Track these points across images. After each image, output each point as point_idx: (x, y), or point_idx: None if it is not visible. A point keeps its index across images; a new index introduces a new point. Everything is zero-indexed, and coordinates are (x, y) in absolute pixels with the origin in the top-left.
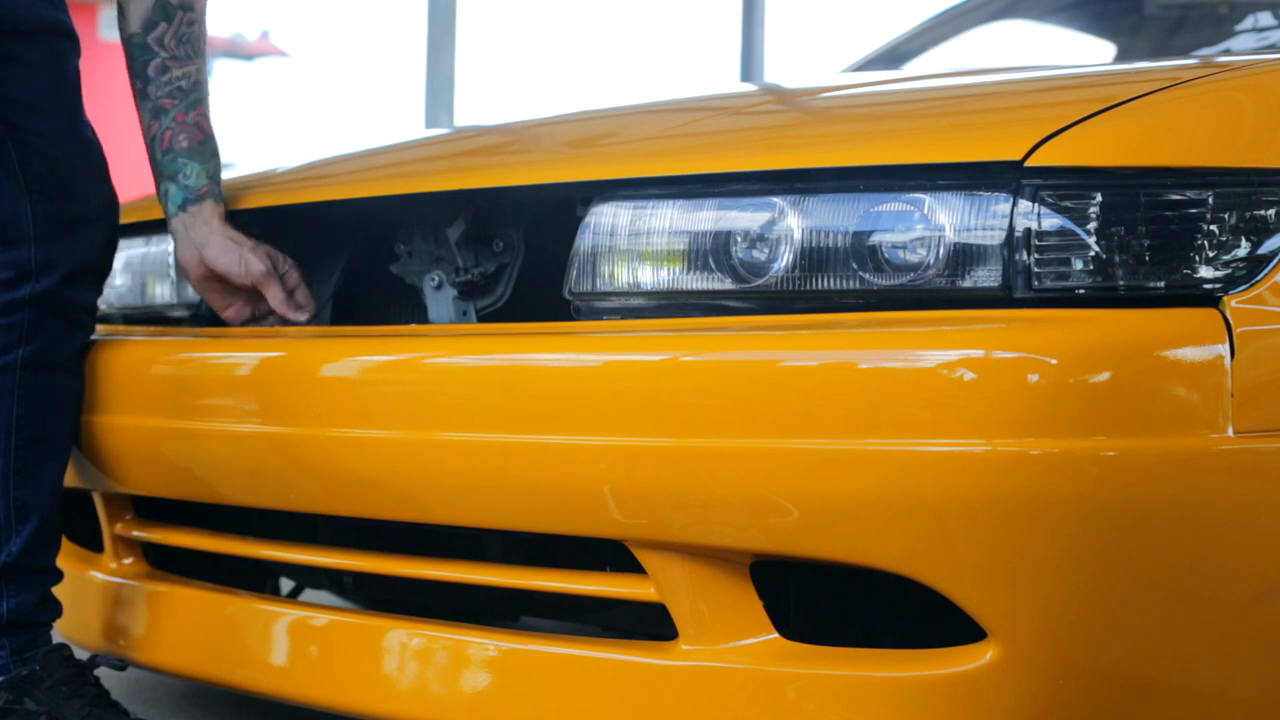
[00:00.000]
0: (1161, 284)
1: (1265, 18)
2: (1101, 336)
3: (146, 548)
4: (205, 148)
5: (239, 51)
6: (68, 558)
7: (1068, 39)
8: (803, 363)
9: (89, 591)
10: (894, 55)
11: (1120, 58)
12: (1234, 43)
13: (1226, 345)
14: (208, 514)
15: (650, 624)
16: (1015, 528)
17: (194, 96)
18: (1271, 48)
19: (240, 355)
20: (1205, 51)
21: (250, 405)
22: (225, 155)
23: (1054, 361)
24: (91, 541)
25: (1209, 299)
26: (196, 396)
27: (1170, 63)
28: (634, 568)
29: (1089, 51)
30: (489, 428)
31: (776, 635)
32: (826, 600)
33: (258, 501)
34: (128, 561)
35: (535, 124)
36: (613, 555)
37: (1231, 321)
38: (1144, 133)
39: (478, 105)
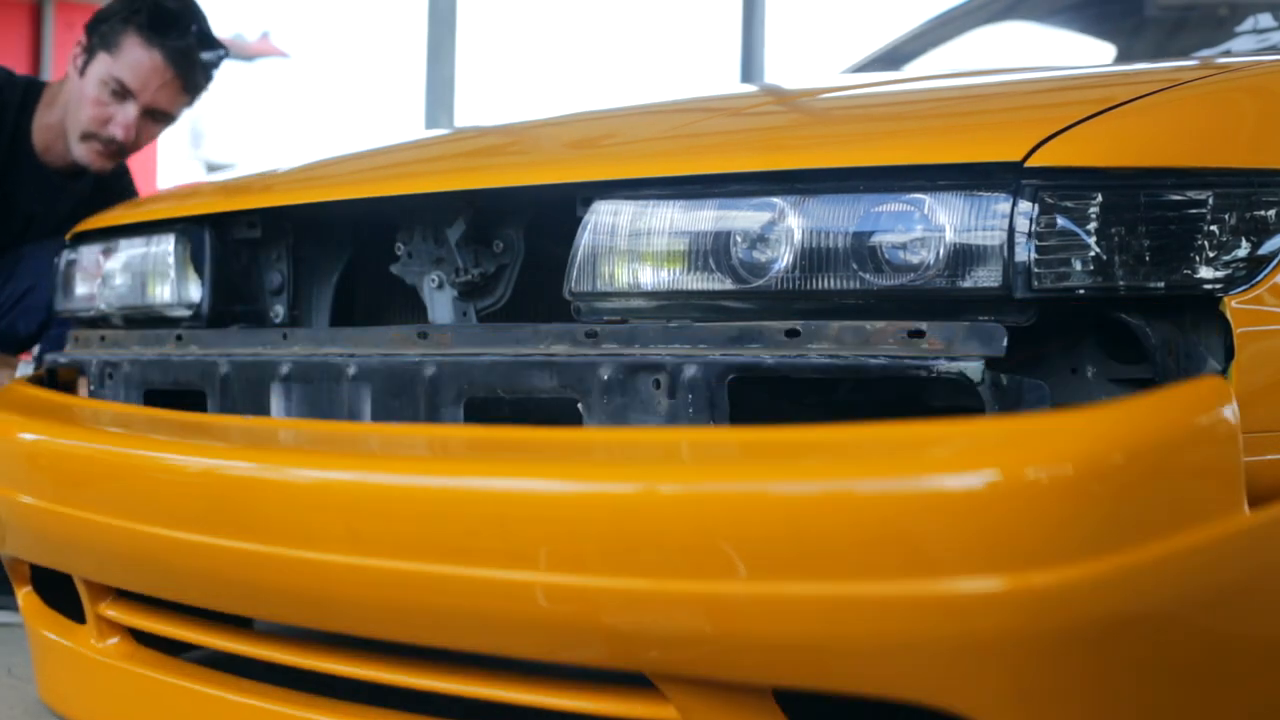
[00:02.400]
0: (1161, 284)
1: (1265, 19)
2: (1109, 440)
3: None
4: None
5: (239, 52)
6: (50, 625)
7: (1068, 40)
8: (799, 491)
9: (72, 665)
10: (894, 56)
11: (1120, 59)
12: (1234, 44)
13: (1235, 414)
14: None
15: None
16: (1039, 659)
17: None
18: (1272, 49)
19: (187, 460)
20: (1205, 52)
21: (206, 516)
22: (225, 155)
23: (1070, 472)
24: (74, 610)
25: (1209, 299)
26: (152, 500)
27: (1170, 64)
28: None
29: (1089, 52)
30: (471, 562)
31: None
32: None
33: (230, 609)
34: (112, 642)
35: (535, 124)
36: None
37: (1232, 322)
38: (1144, 133)
39: (478, 105)
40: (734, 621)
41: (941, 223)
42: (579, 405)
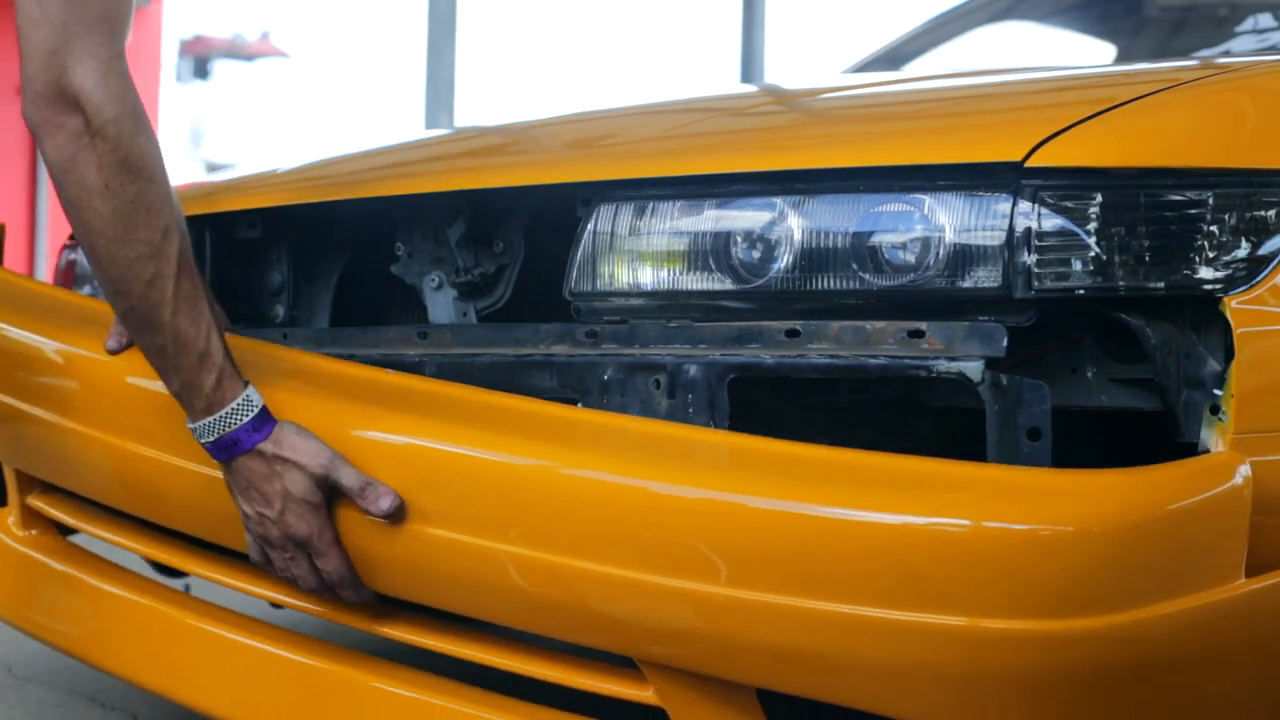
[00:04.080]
0: (1161, 285)
1: (1265, 19)
2: (1118, 502)
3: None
4: None
5: (239, 52)
6: None
7: (1068, 40)
8: (814, 513)
9: None
10: (895, 56)
11: (1121, 59)
12: (1234, 44)
13: (1247, 498)
14: None
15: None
16: (1034, 697)
17: None
18: (1272, 49)
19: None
20: (1206, 53)
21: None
22: (226, 155)
23: (1071, 533)
24: None
25: (1209, 300)
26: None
27: (1170, 64)
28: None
29: (1090, 53)
30: (486, 534)
31: None
32: None
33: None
34: (34, 533)
35: (535, 124)
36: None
37: (1232, 322)
38: (1144, 133)
39: (478, 105)
40: (742, 626)
41: (941, 223)
42: (579, 405)
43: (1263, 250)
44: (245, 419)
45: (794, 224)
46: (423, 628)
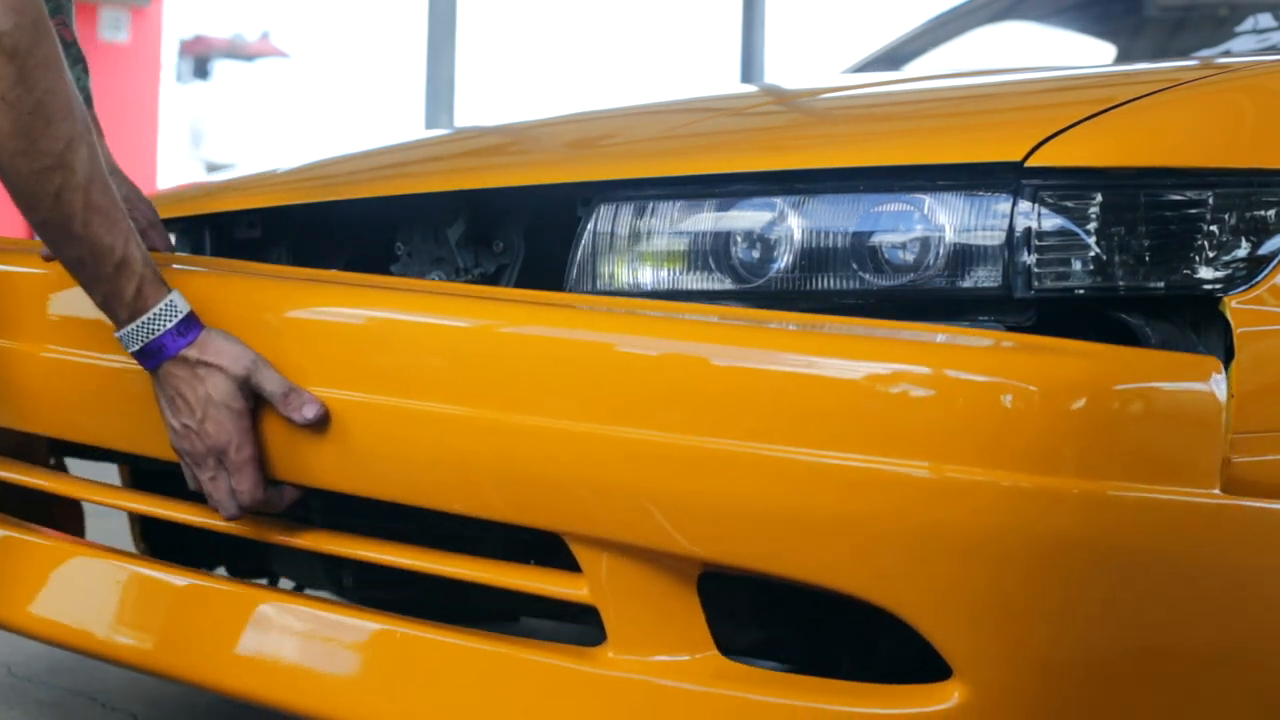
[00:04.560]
0: (1161, 284)
1: (1265, 19)
2: (1093, 371)
3: None
4: None
5: (239, 52)
6: None
7: (1068, 40)
8: (772, 366)
9: None
10: (894, 56)
11: (1121, 59)
12: (1234, 44)
13: (1225, 394)
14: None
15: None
16: (983, 561)
17: None
18: (1272, 49)
19: None
20: (1206, 53)
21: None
22: (226, 155)
23: (1037, 390)
24: None
25: (1209, 300)
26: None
27: (1171, 64)
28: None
29: (1090, 53)
30: (418, 393)
31: (715, 653)
32: (790, 625)
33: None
34: None
35: (535, 124)
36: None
37: (1232, 322)
38: (1144, 133)
39: (478, 105)
40: (682, 479)
41: (941, 223)
42: None
43: (1263, 250)
44: (169, 324)
45: (794, 224)
46: (351, 538)
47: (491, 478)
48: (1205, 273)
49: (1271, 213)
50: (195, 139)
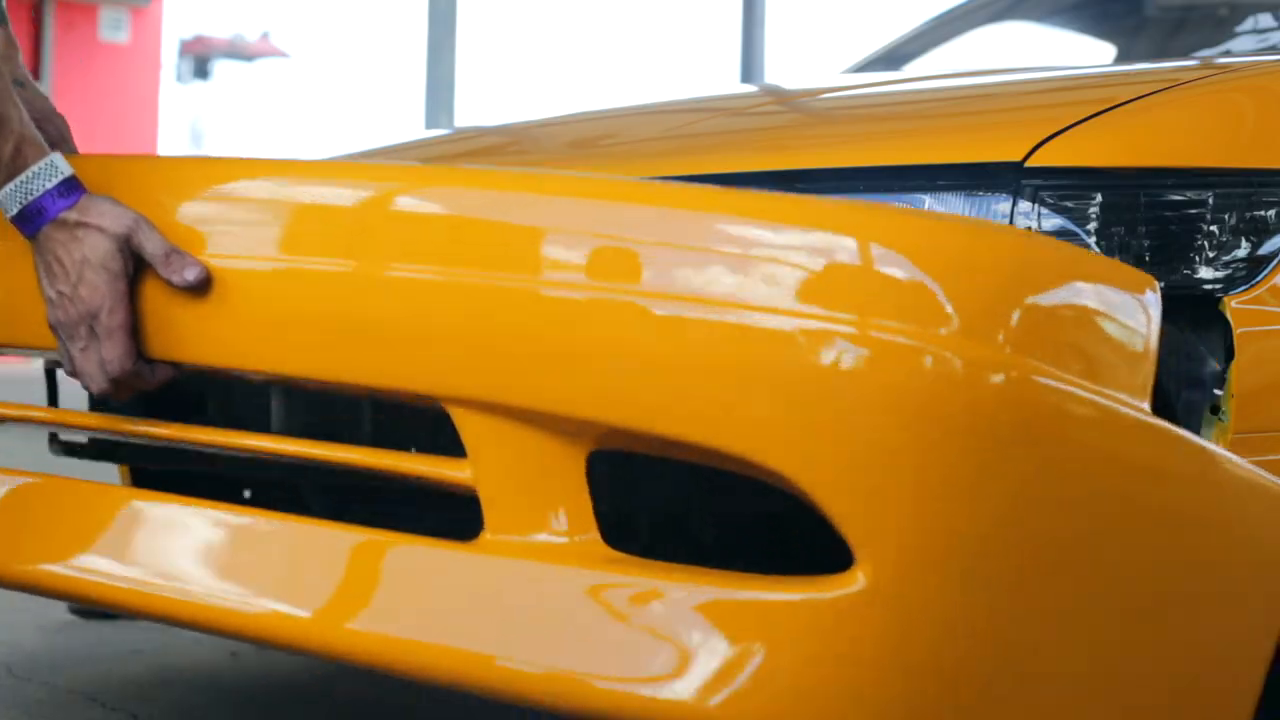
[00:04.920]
0: (1161, 284)
1: (1265, 19)
2: (1029, 246)
3: None
4: None
5: (239, 52)
6: None
7: (1068, 40)
8: (669, 209)
9: None
10: (895, 56)
11: (1121, 59)
12: (1234, 44)
13: (1155, 318)
14: None
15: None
16: (888, 428)
17: None
18: (1272, 49)
19: None
20: (1206, 53)
21: None
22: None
23: (963, 254)
24: None
25: (1209, 299)
26: None
27: (1171, 64)
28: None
29: (1090, 53)
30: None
31: (596, 536)
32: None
33: None
34: None
35: (535, 124)
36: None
37: (1232, 322)
38: (1144, 133)
39: (478, 105)
40: (573, 329)
41: None
42: None
43: (1263, 250)
44: (49, 184)
45: None
46: (235, 432)
47: (372, 338)
48: (1205, 273)
49: (1271, 213)
50: (195, 139)
